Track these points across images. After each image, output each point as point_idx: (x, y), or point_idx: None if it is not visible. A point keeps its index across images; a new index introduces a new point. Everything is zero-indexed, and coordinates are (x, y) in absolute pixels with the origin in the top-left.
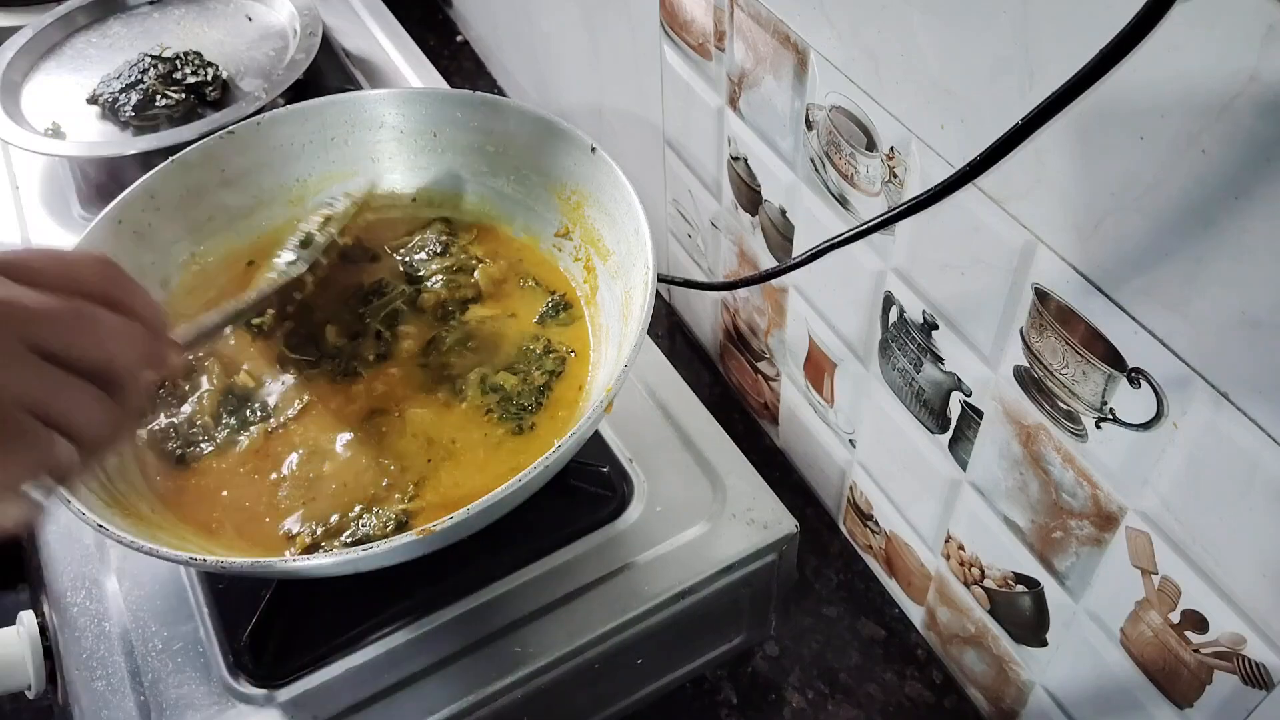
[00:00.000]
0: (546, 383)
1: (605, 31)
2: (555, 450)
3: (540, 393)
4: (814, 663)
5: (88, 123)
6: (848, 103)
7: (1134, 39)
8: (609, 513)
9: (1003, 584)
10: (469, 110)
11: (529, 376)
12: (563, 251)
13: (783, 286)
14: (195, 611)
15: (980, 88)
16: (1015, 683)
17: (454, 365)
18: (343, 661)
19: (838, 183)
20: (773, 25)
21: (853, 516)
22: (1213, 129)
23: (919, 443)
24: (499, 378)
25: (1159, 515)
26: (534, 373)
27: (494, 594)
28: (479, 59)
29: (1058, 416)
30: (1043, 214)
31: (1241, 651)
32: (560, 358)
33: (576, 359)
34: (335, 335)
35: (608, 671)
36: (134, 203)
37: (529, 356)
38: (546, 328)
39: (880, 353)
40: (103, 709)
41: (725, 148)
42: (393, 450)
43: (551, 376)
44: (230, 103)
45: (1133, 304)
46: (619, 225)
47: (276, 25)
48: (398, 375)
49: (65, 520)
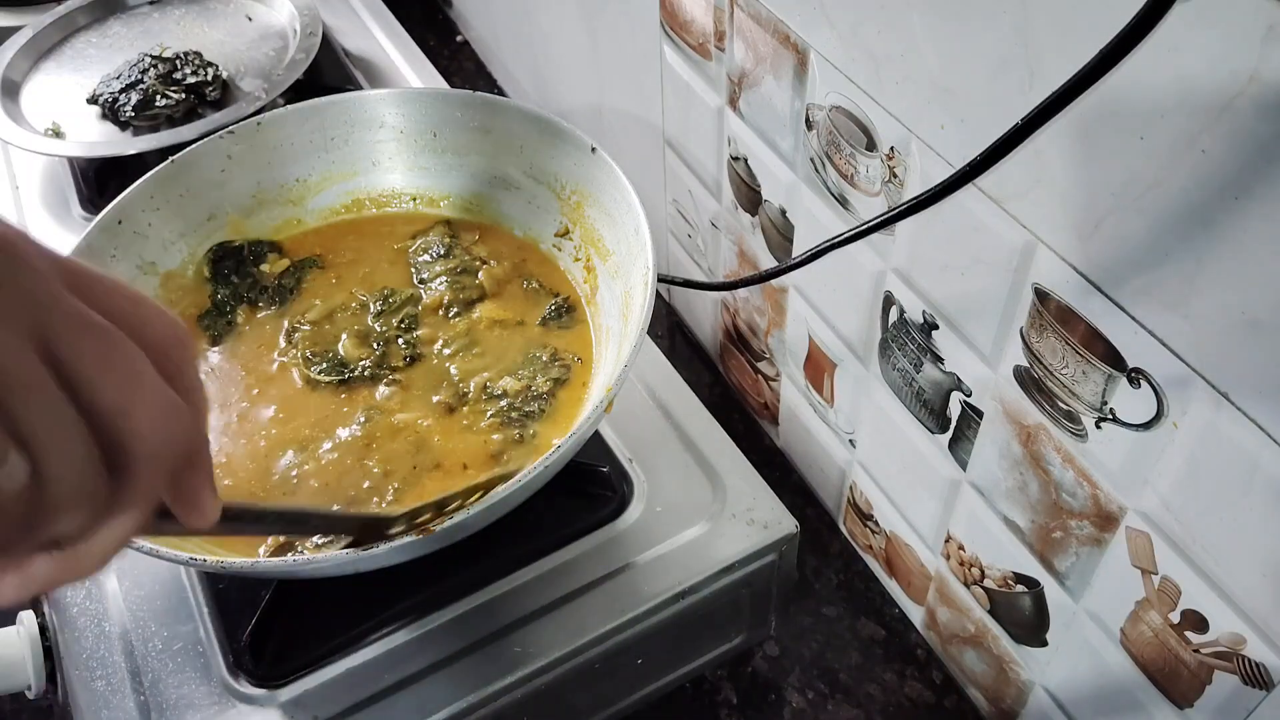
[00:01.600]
0: (551, 390)
1: (605, 31)
2: (555, 450)
3: (544, 400)
4: (814, 663)
5: (88, 123)
6: (848, 103)
7: (1134, 39)
8: (609, 513)
9: (1003, 584)
10: (469, 110)
11: (533, 384)
12: (563, 251)
13: (783, 286)
14: (195, 611)
15: (980, 88)
16: (1015, 683)
17: (459, 370)
18: (343, 661)
19: (838, 183)
20: (773, 25)
21: (853, 516)
22: (1213, 129)
23: (919, 443)
24: (502, 383)
25: (1159, 515)
26: (539, 380)
27: (494, 594)
28: (479, 59)
29: (1058, 416)
30: (1043, 214)
31: (1241, 651)
32: (566, 365)
33: (579, 362)
34: (354, 347)
35: (608, 671)
36: (134, 203)
37: (534, 362)
38: (550, 331)
39: (880, 353)
40: (103, 709)
41: (725, 148)
42: (381, 453)
43: (556, 385)
44: (230, 103)
45: (1133, 304)
46: (619, 225)
47: (276, 25)
48: (404, 380)
49: None
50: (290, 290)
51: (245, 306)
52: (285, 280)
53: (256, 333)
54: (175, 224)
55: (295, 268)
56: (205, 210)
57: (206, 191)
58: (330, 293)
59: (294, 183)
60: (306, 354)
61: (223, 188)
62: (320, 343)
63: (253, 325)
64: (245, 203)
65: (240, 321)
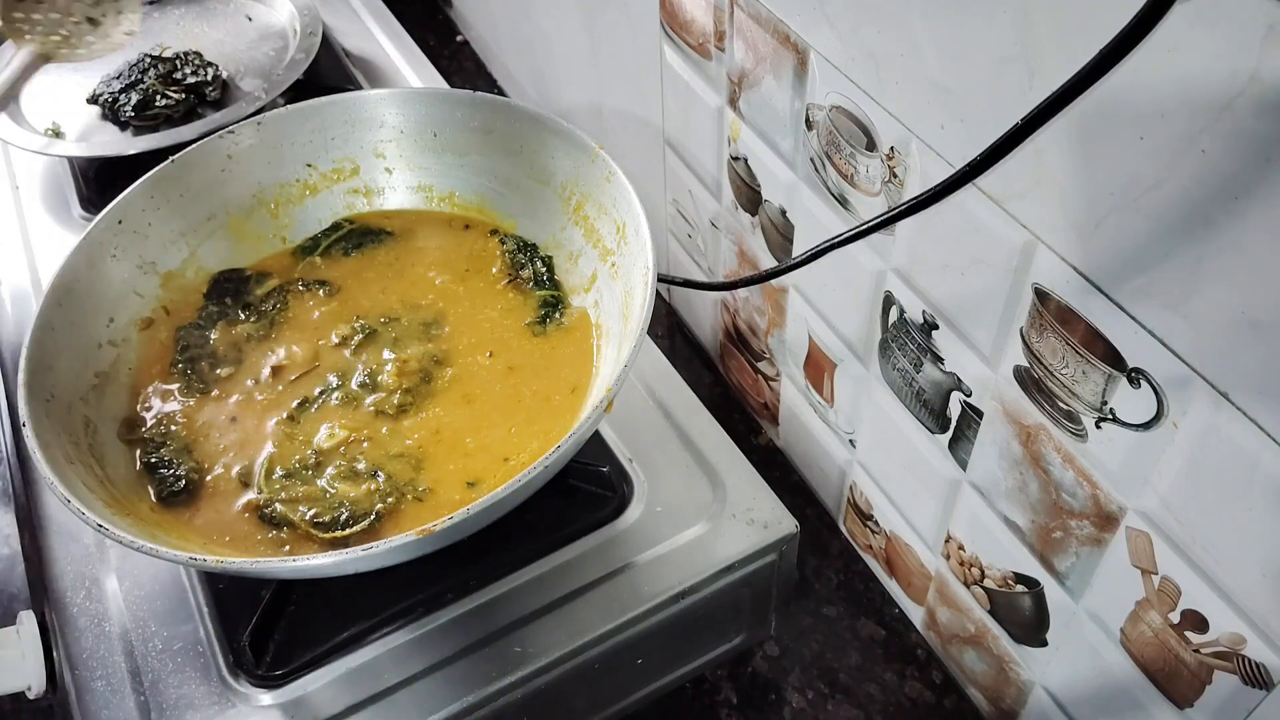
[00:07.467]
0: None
1: (605, 31)
2: (555, 450)
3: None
4: (814, 663)
5: (88, 123)
6: (848, 103)
7: (1134, 39)
8: (609, 513)
9: (1003, 584)
10: (469, 110)
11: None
12: (562, 251)
13: (783, 286)
14: (195, 611)
15: (980, 87)
16: (1015, 683)
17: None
18: (343, 661)
19: (838, 183)
20: (773, 25)
21: (853, 516)
22: (1213, 129)
23: (919, 443)
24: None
25: (1159, 515)
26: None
27: (494, 594)
28: (479, 59)
29: (1058, 416)
30: (1043, 214)
31: (1241, 651)
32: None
33: (576, 360)
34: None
35: (608, 671)
36: (134, 203)
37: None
38: (546, 328)
39: (880, 353)
40: (103, 709)
41: (725, 148)
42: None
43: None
44: (230, 103)
45: (1133, 304)
46: (619, 225)
47: (276, 25)
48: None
49: (65, 520)
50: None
51: (223, 323)
52: (268, 303)
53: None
54: (175, 224)
55: (281, 290)
56: (205, 210)
57: (206, 191)
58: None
59: (294, 183)
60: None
61: (223, 188)
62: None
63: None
64: (245, 203)
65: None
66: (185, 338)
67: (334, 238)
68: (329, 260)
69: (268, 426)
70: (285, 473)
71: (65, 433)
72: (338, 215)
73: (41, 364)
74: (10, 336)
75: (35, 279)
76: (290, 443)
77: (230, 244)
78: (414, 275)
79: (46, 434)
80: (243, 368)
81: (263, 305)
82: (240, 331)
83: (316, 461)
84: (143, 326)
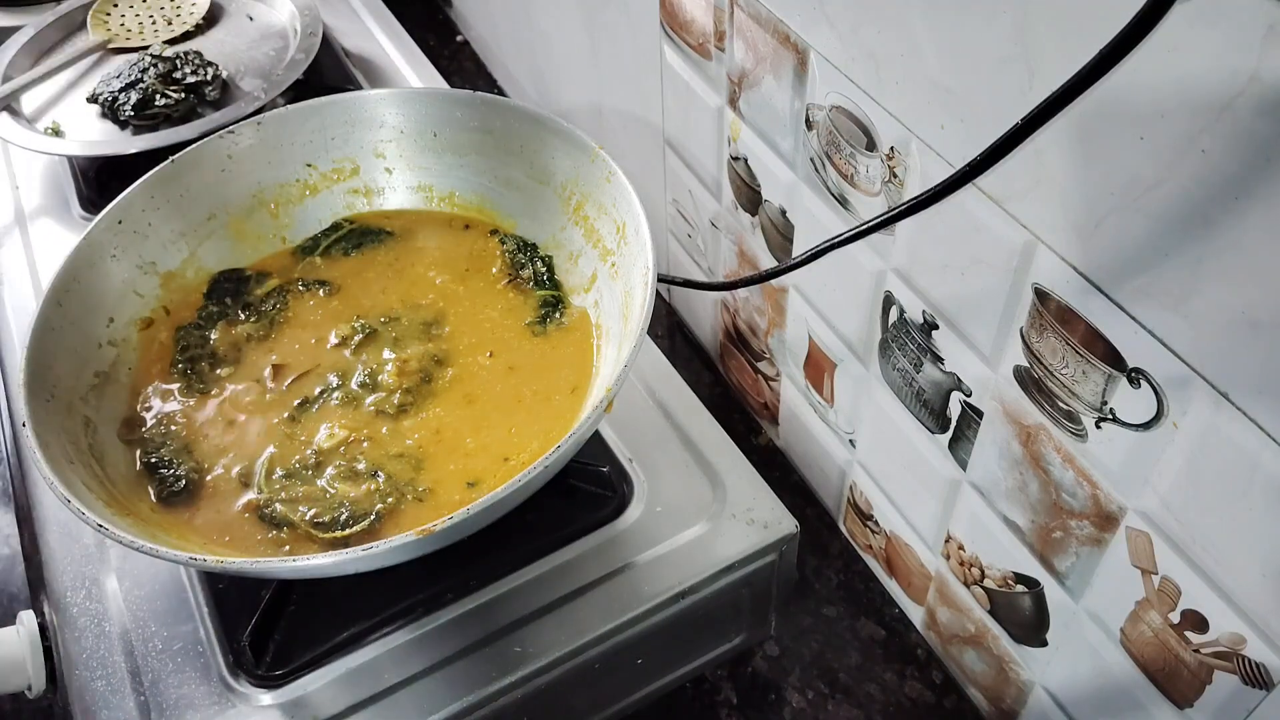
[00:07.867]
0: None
1: (605, 31)
2: (555, 450)
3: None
4: (814, 663)
5: (88, 123)
6: (848, 103)
7: (1134, 39)
8: (609, 513)
9: (1003, 584)
10: (469, 110)
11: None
12: (562, 251)
13: (783, 286)
14: (195, 611)
15: (980, 87)
16: (1015, 683)
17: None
18: (343, 661)
19: (838, 183)
20: (773, 25)
21: (853, 516)
22: (1213, 129)
23: (919, 443)
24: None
25: (1159, 515)
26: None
27: (494, 594)
28: (479, 59)
29: (1058, 416)
30: (1043, 214)
31: (1241, 651)
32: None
33: (576, 360)
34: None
35: (608, 671)
36: (134, 203)
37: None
38: (546, 328)
39: (880, 353)
40: (103, 709)
41: (725, 148)
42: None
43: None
44: (230, 103)
45: (1133, 304)
46: (619, 225)
47: (277, 25)
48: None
49: (65, 520)
50: (273, 311)
51: (223, 323)
52: (268, 303)
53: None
54: (175, 224)
55: (281, 290)
56: (205, 210)
57: (206, 191)
58: (316, 326)
59: (294, 183)
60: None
61: (223, 188)
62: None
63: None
64: (245, 203)
65: (215, 339)
66: (185, 338)
67: (334, 238)
68: (329, 260)
69: (268, 426)
70: (285, 473)
71: (65, 433)
72: (338, 215)
73: (41, 364)
74: (10, 336)
75: (35, 279)
76: (290, 443)
77: (230, 244)
78: (414, 275)
79: (46, 434)
80: (243, 368)
81: (263, 305)
82: (240, 331)
83: (316, 461)
84: (143, 326)
